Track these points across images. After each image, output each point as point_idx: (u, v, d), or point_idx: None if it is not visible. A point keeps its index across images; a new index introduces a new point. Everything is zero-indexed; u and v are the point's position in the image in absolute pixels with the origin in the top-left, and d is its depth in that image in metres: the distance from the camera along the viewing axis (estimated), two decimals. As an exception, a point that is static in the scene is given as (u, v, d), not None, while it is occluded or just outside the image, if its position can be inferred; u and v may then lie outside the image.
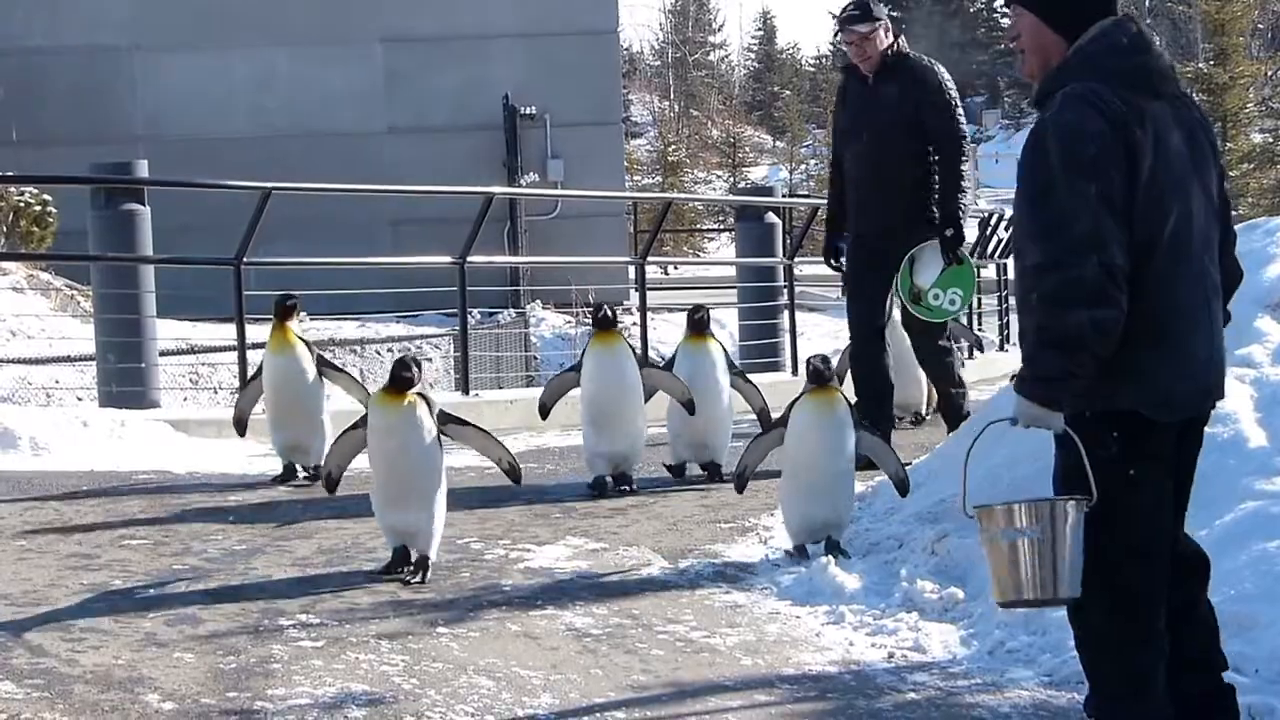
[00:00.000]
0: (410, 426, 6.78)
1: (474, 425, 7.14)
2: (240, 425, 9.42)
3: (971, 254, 19.83)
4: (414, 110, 25.61)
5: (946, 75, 9.33)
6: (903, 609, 6.40)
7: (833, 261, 9.66)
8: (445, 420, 6.93)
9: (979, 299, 20.33)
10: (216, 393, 16.44)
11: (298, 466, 9.18)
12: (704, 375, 9.00)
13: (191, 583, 6.74)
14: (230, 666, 5.69)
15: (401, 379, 6.77)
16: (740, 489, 7.55)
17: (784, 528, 7.38)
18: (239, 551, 7.40)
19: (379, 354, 19.64)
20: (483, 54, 25.89)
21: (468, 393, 13.56)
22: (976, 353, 12.77)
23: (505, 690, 5.39)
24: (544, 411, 9.03)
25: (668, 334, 21.34)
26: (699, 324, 9.12)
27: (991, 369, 16.49)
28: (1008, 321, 18.80)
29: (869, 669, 5.81)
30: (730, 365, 9.21)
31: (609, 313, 8.68)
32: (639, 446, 8.81)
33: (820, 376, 7.12)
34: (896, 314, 9.83)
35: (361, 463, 7.25)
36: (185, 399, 16.33)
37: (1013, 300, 21.15)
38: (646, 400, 8.92)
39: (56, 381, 15.84)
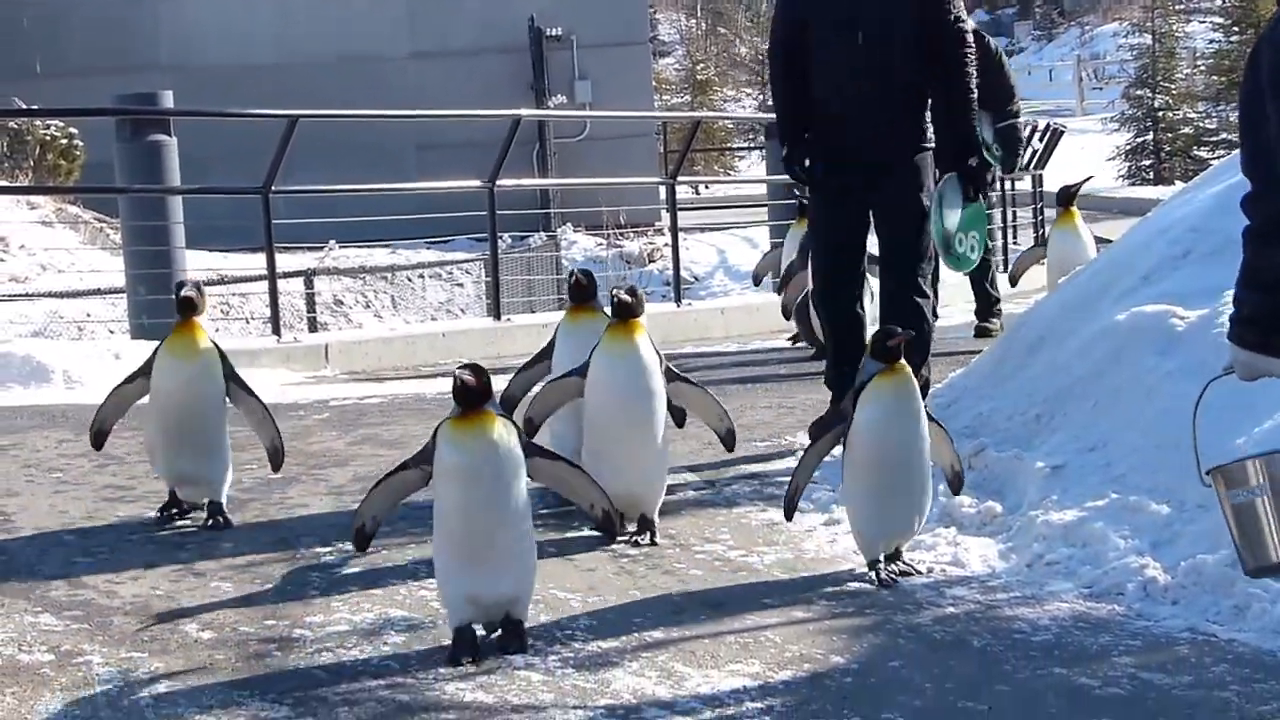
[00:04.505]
0: (503, 465, 5.02)
1: (564, 459, 5.57)
2: (99, 439, 6.92)
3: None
4: (438, 34, 25.44)
5: None
6: (940, 524, 6.36)
7: (800, 169, 7.66)
8: (530, 453, 5.22)
9: (1014, 212, 20.18)
10: (248, 323, 16.44)
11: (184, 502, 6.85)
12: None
13: (230, 512, 6.73)
14: (268, 594, 5.70)
15: (470, 393, 4.99)
16: (790, 514, 6.02)
17: (856, 540, 5.97)
18: (274, 480, 7.39)
19: (409, 280, 19.61)
20: (507, -25, 25.72)
21: (499, 318, 13.54)
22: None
23: (543, 613, 5.38)
24: (531, 429, 6.41)
25: (700, 254, 21.30)
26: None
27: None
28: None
29: (907, 584, 5.78)
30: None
31: (626, 296, 6.31)
32: (659, 486, 6.47)
33: (892, 354, 5.74)
34: None
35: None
36: (216, 330, 16.27)
37: (1024, 215, 20.98)
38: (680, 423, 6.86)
39: (88, 315, 15.85)
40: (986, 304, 11.88)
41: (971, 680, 4.83)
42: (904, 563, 5.90)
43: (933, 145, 7.57)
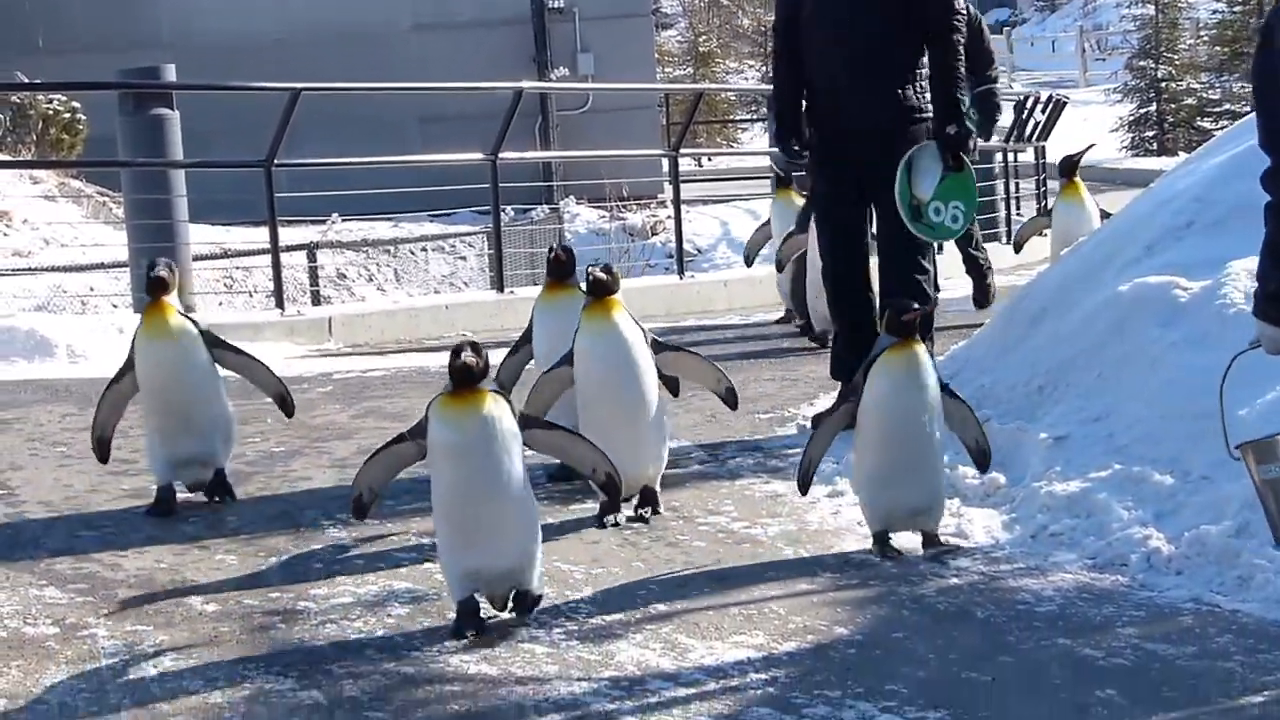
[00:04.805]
0: (494, 441, 4.97)
1: (562, 428, 5.50)
2: (102, 448, 6.67)
3: (1008, 138, 19.64)
4: (440, 6, 25.32)
5: None
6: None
7: (795, 145, 7.59)
8: (527, 424, 5.19)
9: (1017, 184, 20.13)
10: (251, 297, 16.42)
11: (176, 489, 6.59)
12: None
13: (234, 485, 6.73)
14: (272, 567, 5.72)
15: (465, 372, 4.96)
16: (805, 489, 5.94)
17: (862, 513, 5.98)
18: (278, 454, 7.41)
19: (413, 254, 19.59)
20: (508, -54, 25.61)
21: (502, 290, 13.54)
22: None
23: (547, 585, 5.36)
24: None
25: (703, 227, 21.27)
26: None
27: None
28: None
29: (911, 555, 5.78)
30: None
31: (601, 274, 6.21)
32: (658, 461, 6.34)
33: (906, 329, 5.73)
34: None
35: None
36: (220, 303, 16.33)
37: (1027, 187, 20.92)
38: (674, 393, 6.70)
39: (91, 289, 15.84)
40: (979, 273, 11.75)
41: (975, 651, 4.84)
42: (939, 545, 5.81)
43: (928, 118, 7.45)
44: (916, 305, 5.79)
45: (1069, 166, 11.62)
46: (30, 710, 4.43)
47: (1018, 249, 12.90)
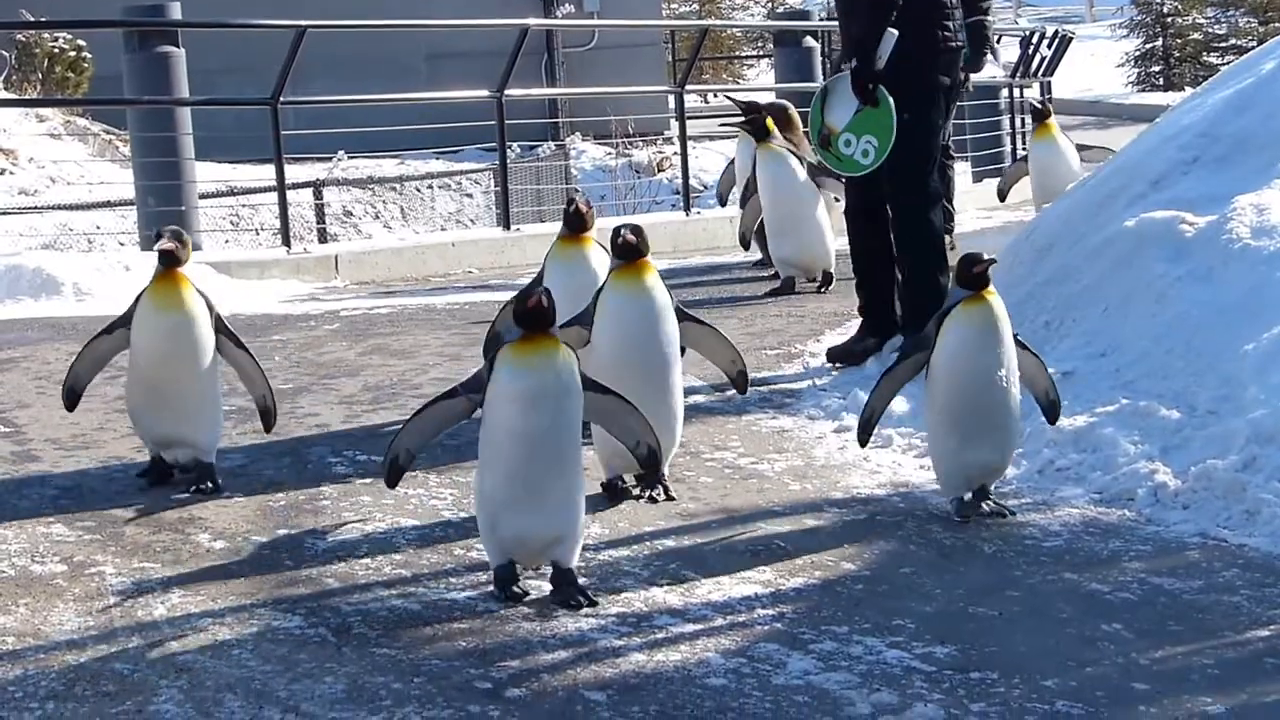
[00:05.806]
0: (566, 392, 4.70)
1: (615, 394, 5.02)
2: (72, 399, 6.10)
3: (1014, 74, 19.53)
4: (445, -58, 25.24)
5: None
6: (951, 431, 6.35)
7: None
8: (585, 386, 4.82)
9: (1021, 120, 20.06)
10: (258, 234, 16.43)
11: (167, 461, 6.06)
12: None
13: (239, 423, 6.75)
14: (280, 505, 5.72)
15: (540, 315, 4.68)
16: (865, 440, 5.76)
17: (936, 474, 5.68)
18: (285, 391, 7.40)
19: (419, 191, 19.56)
20: (514, -118, 25.44)
21: (509, 227, 13.53)
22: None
23: (554, 521, 5.39)
24: None
25: (709, 163, 21.21)
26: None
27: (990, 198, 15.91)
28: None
29: (917, 491, 5.79)
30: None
31: (630, 236, 5.69)
32: (672, 439, 5.88)
33: (979, 281, 5.44)
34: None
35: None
36: (226, 241, 16.33)
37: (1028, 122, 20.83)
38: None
39: (97, 227, 15.84)
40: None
41: (982, 586, 4.85)
42: (994, 502, 5.55)
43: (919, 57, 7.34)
44: (986, 256, 5.50)
45: (1040, 112, 12.24)
46: (38, 648, 4.44)
47: (1002, 197, 13.16)
